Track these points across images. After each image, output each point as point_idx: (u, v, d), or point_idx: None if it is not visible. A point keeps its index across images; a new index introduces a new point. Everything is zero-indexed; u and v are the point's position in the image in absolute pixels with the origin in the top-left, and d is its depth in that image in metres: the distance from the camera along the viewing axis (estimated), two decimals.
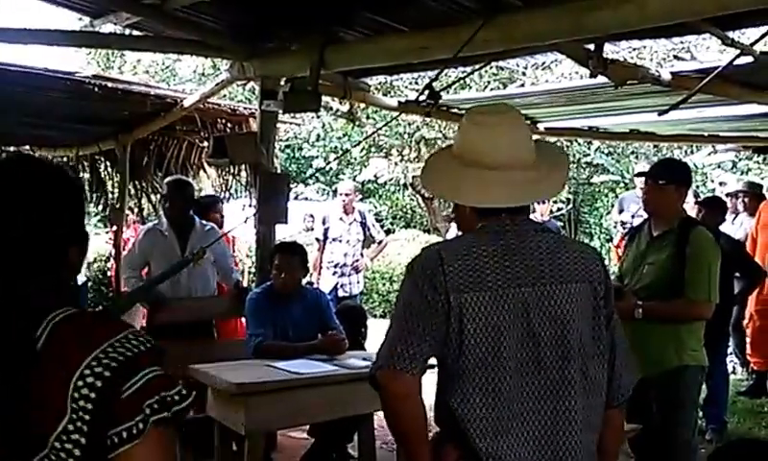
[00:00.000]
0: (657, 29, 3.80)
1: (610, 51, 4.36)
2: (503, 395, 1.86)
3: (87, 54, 15.75)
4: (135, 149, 7.39)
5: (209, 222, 5.51)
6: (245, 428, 3.69)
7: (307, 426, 4.69)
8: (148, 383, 1.18)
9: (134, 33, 5.36)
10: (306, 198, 16.58)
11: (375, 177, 15.03)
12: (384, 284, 12.05)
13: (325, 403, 3.92)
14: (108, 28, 5.53)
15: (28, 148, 8.73)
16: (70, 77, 5.75)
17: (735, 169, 14.16)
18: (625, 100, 5.57)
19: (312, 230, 9.94)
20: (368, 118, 13.57)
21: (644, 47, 9.58)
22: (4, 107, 6.02)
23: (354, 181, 13.03)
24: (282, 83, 5.29)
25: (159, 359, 1.22)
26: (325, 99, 6.20)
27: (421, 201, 16.08)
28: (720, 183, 8.87)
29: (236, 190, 7.70)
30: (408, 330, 1.89)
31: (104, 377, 1.15)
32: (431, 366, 2.01)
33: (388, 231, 14.32)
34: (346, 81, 5.56)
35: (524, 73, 12.70)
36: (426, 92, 4.33)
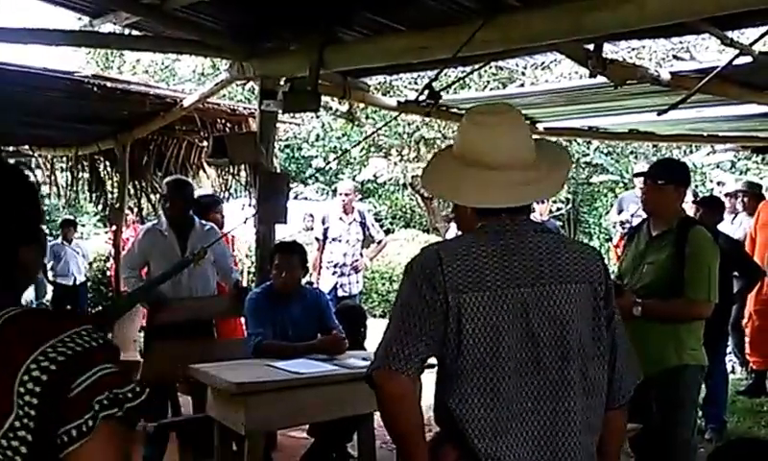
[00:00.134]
0: (656, 29, 3.81)
1: (609, 51, 4.37)
2: (502, 395, 1.85)
3: (87, 54, 15.75)
4: (135, 149, 7.39)
5: (210, 222, 5.50)
6: (245, 428, 3.68)
7: (307, 426, 4.68)
8: (99, 380, 1.14)
9: (134, 32, 5.36)
10: (306, 198, 16.58)
11: (375, 176, 15.03)
12: (383, 284, 12.06)
13: (325, 403, 3.92)
14: (108, 28, 5.54)
15: (27, 148, 8.75)
16: (69, 77, 5.75)
17: (734, 169, 14.17)
18: (624, 100, 5.57)
19: (312, 229, 9.94)
20: (367, 118, 13.58)
21: (643, 47, 9.59)
22: (3, 106, 6.02)
23: (354, 180, 13.04)
24: (282, 82, 5.29)
25: (114, 357, 1.19)
26: (325, 99, 6.20)
27: (421, 201, 16.09)
28: (718, 183, 8.86)
29: (236, 190, 7.71)
30: (405, 331, 1.89)
31: (49, 371, 1.11)
32: (431, 365, 2.01)
33: (387, 231, 14.32)
34: (345, 81, 5.56)
35: (524, 73, 12.71)
36: (426, 92, 4.33)
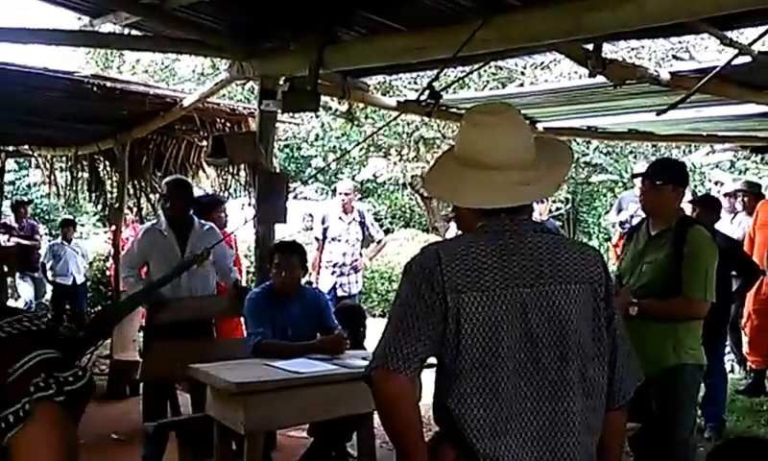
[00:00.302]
0: (655, 29, 3.81)
1: (608, 51, 4.38)
2: (501, 395, 1.85)
3: (86, 53, 15.74)
4: (134, 148, 7.40)
5: (214, 221, 5.50)
6: (244, 428, 3.68)
7: (306, 426, 4.69)
8: (37, 365, 1.14)
9: (133, 32, 5.36)
10: (305, 197, 16.57)
11: (374, 176, 15.03)
12: (383, 284, 12.06)
13: (325, 403, 3.92)
14: (108, 28, 5.55)
15: (27, 147, 8.75)
16: (69, 76, 5.75)
17: (733, 169, 14.18)
18: (624, 100, 5.58)
19: (311, 229, 9.93)
20: (366, 118, 13.58)
21: (643, 47, 9.59)
22: (3, 106, 6.03)
23: (353, 180, 13.05)
24: (281, 82, 5.29)
25: (56, 343, 1.19)
26: (324, 99, 6.20)
27: (420, 200, 16.10)
28: (715, 183, 8.86)
29: (235, 190, 7.71)
30: (403, 331, 1.88)
31: None
32: (430, 365, 2.01)
33: (387, 231, 14.33)
34: (345, 80, 5.56)
35: (523, 73, 12.71)
36: (427, 92, 4.33)
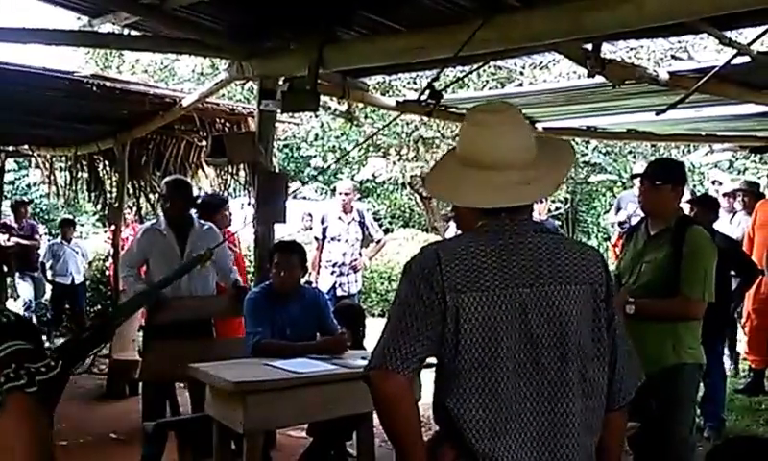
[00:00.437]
0: (654, 29, 3.81)
1: (607, 51, 4.38)
2: (500, 395, 1.85)
3: (86, 53, 15.72)
4: (134, 148, 7.41)
5: (218, 221, 5.51)
6: (243, 427, 3.68)
7: (306, 425, 4.69)
8: (8, 355, 1.14)
9: (133, 32, 5.36)
10: (305, 197, 16.57)
11: (374, 176, 15.03)
12: (382, 283, 12.06)
13: (324, 402, 3.91)
14: (107, 28, 5.54)
15: (27, 147, 8.76)
16: (69, 76, 5.76)
17: (732, 169, 14.19)
18: (623, 99, 5.58)
19: (310, 229, 9.93)
20: (366, 118, 13.58)
21: (642, 47, 9.59)
22: (3, 106, 6.03)
23: (353, 180, 13.05)
24: (281, 82, 5.29)
25: (29, 333, 1.19)
26: (324, 98, 6.20)
27: (420, 200, 16.11)
28: (713, 182, 8.86)
29: (235, 190, 7.72)
30: (402, 331, 1.88)
31: None
32: (430, 365, 2.01)
33: (386, 231, 14.33)
34: (344, 80, 5.57)
35: (522, 73, 12.71)
36: (428, 92, 4.33)
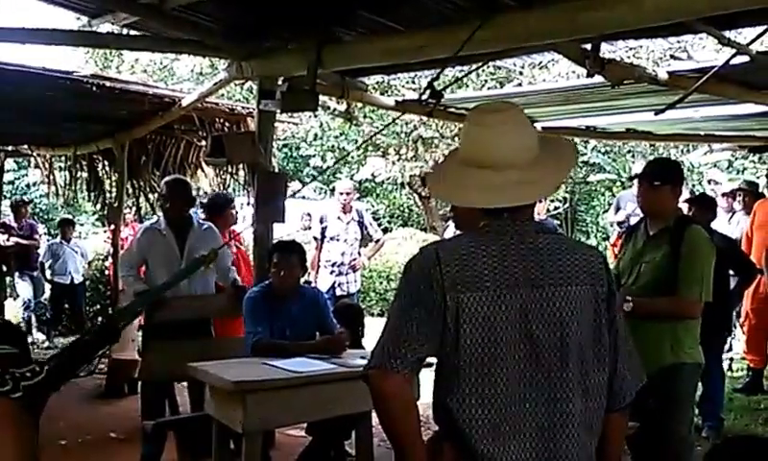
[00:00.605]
0: (653, 28, 3.81)
1: (606, 51, 4.38)
2: (500, 396, 1.85)
3: (85, 53, 15.70)
4: (133, 148, 7.41)
5: (226, 219, 5.50)
6: (243, 427, 3.68)
7: (305, 425, 4.69)
8: None
9: (132, 32, 5.36)
10: (303, 196, 16.55)
11: (373, 176, 15.04)
12: (381, 283, 12.07)
13: (323, 402, 3.92)
14: (106, 28, 5.54)
15: (26, 147, 8.76)
16: (68, 76, 5.76)
17: (731, 168, 14.21)
18: (622, 99, 5.58)
19: (309, 228, 9.93)
20: (365, 117, 13.57)
21: (641, 47, 9.58)
22: (2, 106, 6.04)
23: (352, 179, 13.05)
24: (280, 82, 5.29)
25: (14, 338, 1.19)
26: (323, 98, 6.20)
27: (418, 199, 16.11)
28: (709, 181, 8.88)
29: (234, 189, 7.72)
30: (402, 330, 1.89)
31: None
32: (430, 364, 2.01)
33: (385, 230, 14.33)
34: (343, 80, 5.57)
35: (521, 72, 12.69)
36: (428, 92, 4.33)
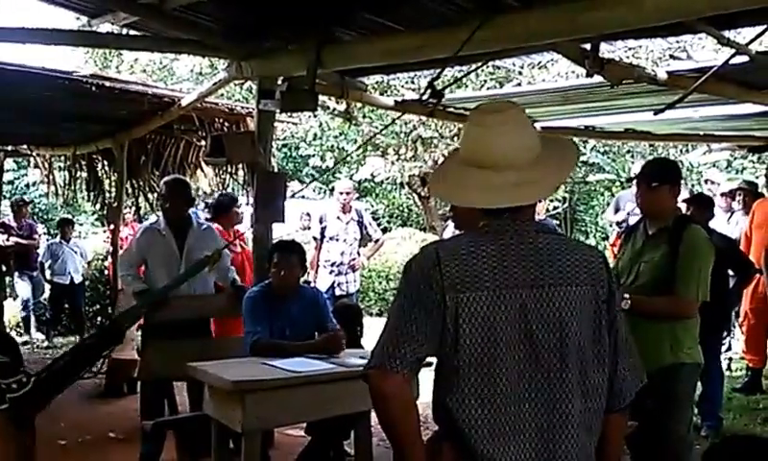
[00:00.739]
0: (653, 28, 3.81)
1: (606, 50, 4.38)
2: (499, 396, 1.85)
3: (85, 53, 15.69)
4: (133, 148, 7.41)
5: (232, 219, 5.50)
6: (242, 426, 3.68)
7: (304, 424, 4.70)
8: None
9: (132, 32, 5.36)
10: (303, 196, 16.54)
11: (372, 176, 15.04)
12: (380, 283, 12.07)
13: (322, 401, 3.92)
14: (106, 27, 5.54)
15: (26, 147, 8.76)
16: (68, 76, 5.76)
17: (730, 168, 14.21)
18: (621, 99, 5.59)
19: (309, 228, 9.93)
20: (364, 117, 13.57)
21: (640, 47, 9.57)
22: (2, 106, 6.04)
23: (351, 179, 13.04)
24: (279, 82, 5.29)
25: (6, 347, 1.20)
26: (322, 98, 6.21)
27: (418, 199, 16.10)
28: (706, 181, 8.88)
29: (233, 189, 7.72)
30: (401, 330, 1.89)
31: None
32: (429, 364, 2.01)
33: (384, 230, 14.33)
34: (343, 80, 5.57)
35: (521, 72, 12.69)
36: (429, 91, 4.33)
